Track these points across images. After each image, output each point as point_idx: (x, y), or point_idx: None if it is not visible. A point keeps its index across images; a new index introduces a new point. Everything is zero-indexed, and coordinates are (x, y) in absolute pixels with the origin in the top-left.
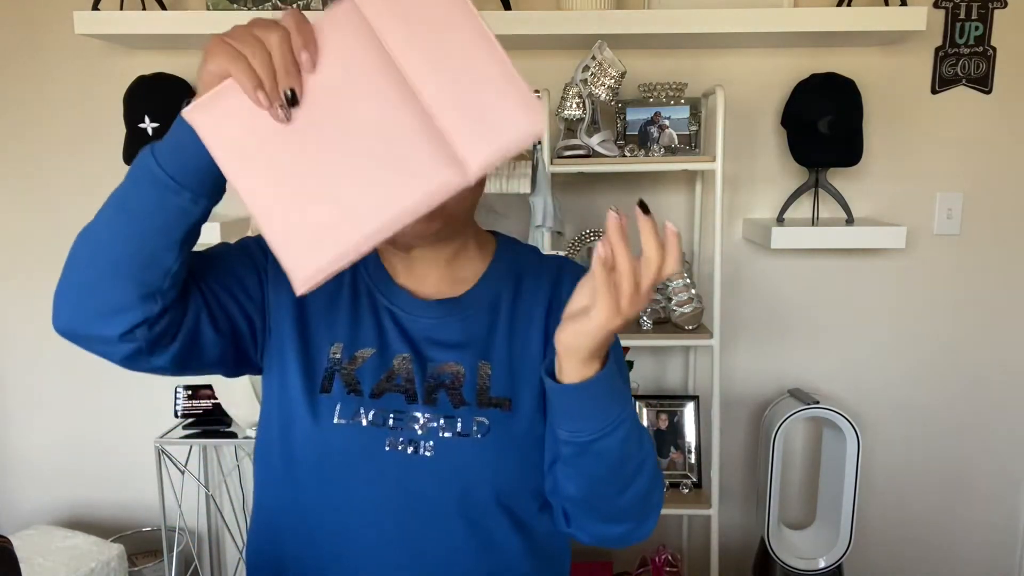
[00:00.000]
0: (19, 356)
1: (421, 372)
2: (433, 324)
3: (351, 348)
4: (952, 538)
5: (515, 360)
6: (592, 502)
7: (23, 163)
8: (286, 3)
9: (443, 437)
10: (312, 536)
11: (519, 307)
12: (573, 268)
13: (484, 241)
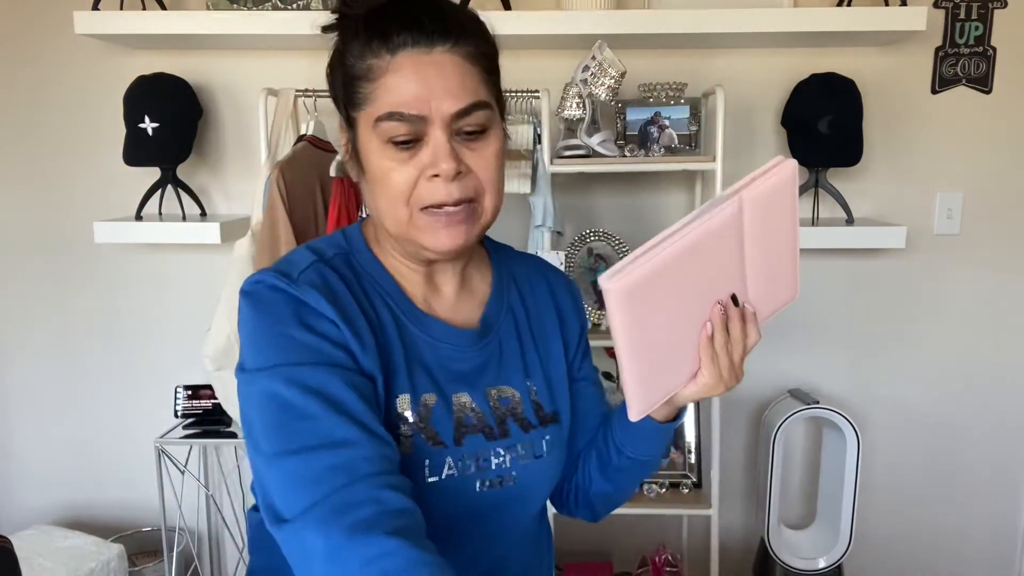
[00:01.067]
0: (19, 356)
1: (486, 406)
2: (477, 353)
3: (416, 397)
4: (952, 538)
5: (548, 374)
6: (618, 495)
7: (23, 163)
8: (286, 3)
9: (523, 464)
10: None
11: (535, 321)
12: (549, 267)
13: (479, 245)
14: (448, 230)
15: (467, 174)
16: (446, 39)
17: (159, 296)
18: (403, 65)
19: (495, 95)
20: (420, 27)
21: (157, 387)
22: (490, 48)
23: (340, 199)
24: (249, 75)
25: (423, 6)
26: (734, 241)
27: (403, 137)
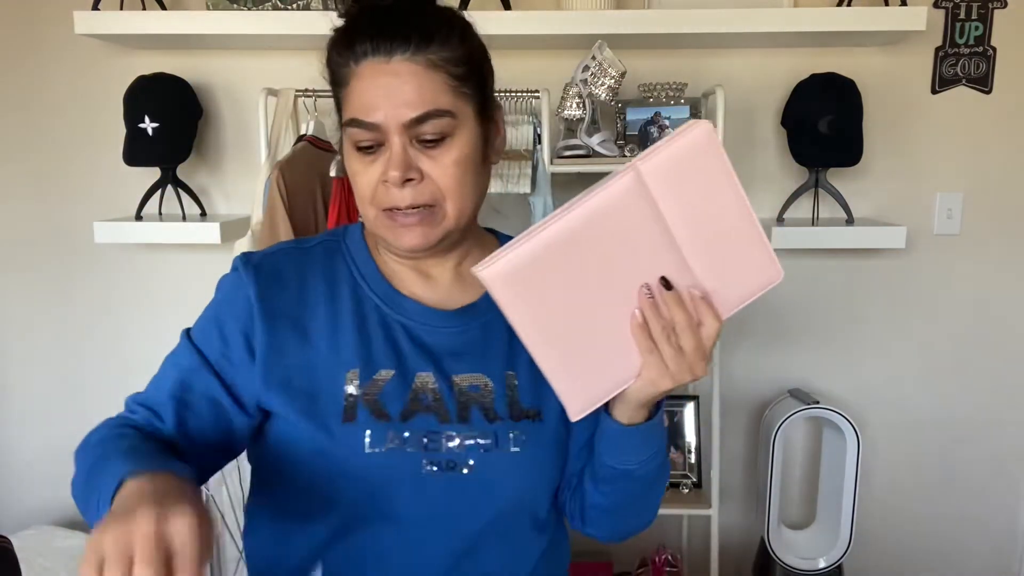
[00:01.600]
0: (19, 356)
1: (448, 389)
2: (453, 335)
3: (368, 372)
4: (952, 538)
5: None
6: (619, 512)
7: (23, 163)
8: (286, 3)
9: (481, 454)
10: (349, 563)
11: None
12: None
13: (486, 241)
14: (406, 231)
15: (421, 181)
16: (406, 47)
17: (159, 296)
18: (364, 73)
19: (468, 101)
20: (380, 35)
21: None
22: (461, 53)
23: (340, 199)
24: (249, 75)
25: (390, 14)
26: (644, 218)
27: (365, 143)
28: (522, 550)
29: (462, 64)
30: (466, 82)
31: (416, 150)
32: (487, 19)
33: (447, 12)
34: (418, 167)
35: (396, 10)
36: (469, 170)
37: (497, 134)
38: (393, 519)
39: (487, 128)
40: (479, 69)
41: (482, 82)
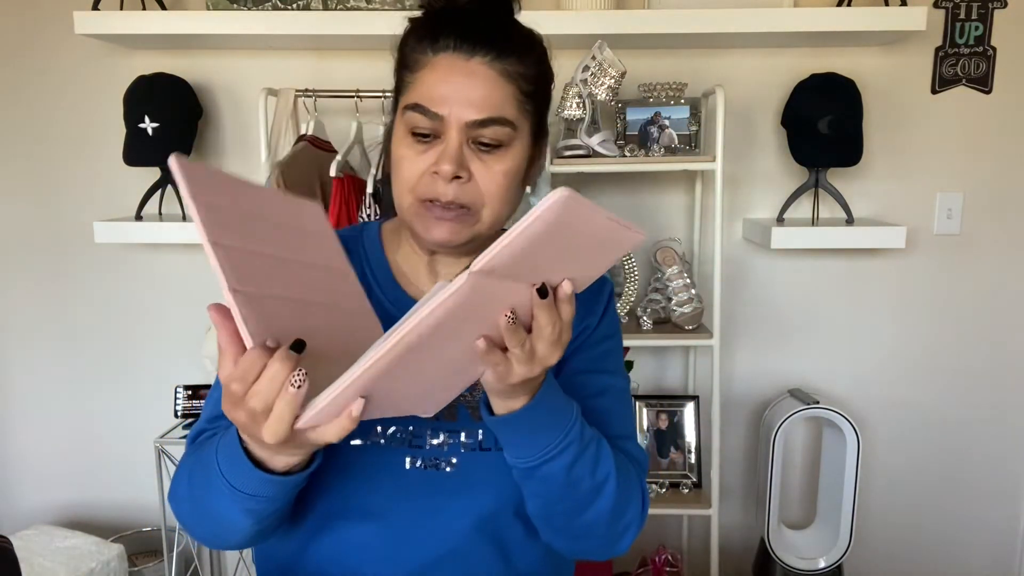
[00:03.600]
0: (19, 356)
1: None
2: None
3: None
4: (952, 538)
5: None
6: (549, 520)
7: (23, 163)
8: (286, 3)
9: (464, 452)
10: (334, 548)
11: None
12: None
13: None
14: (437, 224)
15: (468, 181)
16: (487, 51)
17: (159, 296)
18: (440, 65)
19: (529, 118)
20: (465, 34)
21: (157, 387)
22: (535, 72)
23: (340, 199)
24: (249, 75)
25: (479, 16)
26: (491, 296)
27: (422, 130)
28: (517, 554)
29: (533, 82)
30: (531, 100)
31: (470, 151)
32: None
33: (528, 31)
34: (468, 167)
35: (483, 15)
36: (513, 182)
37: (540, 158)
38: (376, 514)
39: (535, 150)
40: (545, 92)
41: (544, 105)
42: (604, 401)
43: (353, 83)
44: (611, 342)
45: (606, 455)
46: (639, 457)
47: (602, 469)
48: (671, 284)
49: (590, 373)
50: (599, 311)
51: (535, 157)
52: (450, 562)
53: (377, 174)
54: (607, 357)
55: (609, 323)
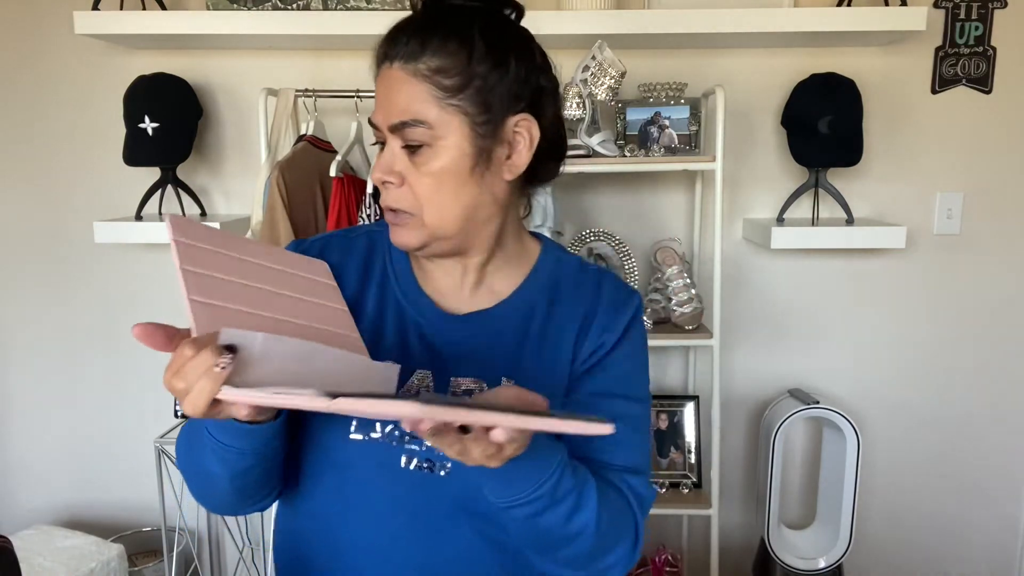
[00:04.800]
0: (19, 356)
1: (443, 390)
2: (460, 338)
3: None
4: (952, 538)
5: (541, 377)
6: (524, 547)
7: (23, 163)
8: (286, 3)
9: (441, 458)
10: (334, 545)
11: (552, 322)
12: (613, 283)
13: (524, 250)
14: (392, 229)
15: (401, 185)
16: (401, 55)
17: (159, 296)
18: (378, 78)
19: (457, 112)
20: (387, 44)
21: (157, 387)
22: (458, 64)
23: (340, 199)
24: (249, 75)
25: (408, 23)
26: None
27: (376, 141)
28: (524, 565)
29: (457, 74)
30: (459, 92)
31: (405, 155)
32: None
33: (461, 23)
34: (401, 172)
35: (414, 18)
36: (448, 182)
37: (510, 150)
38: (375, 513)
39: (490, 143)
40: (483, 82)
41: (485, 95)
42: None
43: (353, 83)
44: (632, 363)
45: (587, 505)
46: (642, 494)
47: (579, 519)
48: (671, 284)
49: (604, 397)
50: (619, 328)
51: (492, 148)
52: (448, 564)
53: None
54: (626, 380)
55: (632, 343)
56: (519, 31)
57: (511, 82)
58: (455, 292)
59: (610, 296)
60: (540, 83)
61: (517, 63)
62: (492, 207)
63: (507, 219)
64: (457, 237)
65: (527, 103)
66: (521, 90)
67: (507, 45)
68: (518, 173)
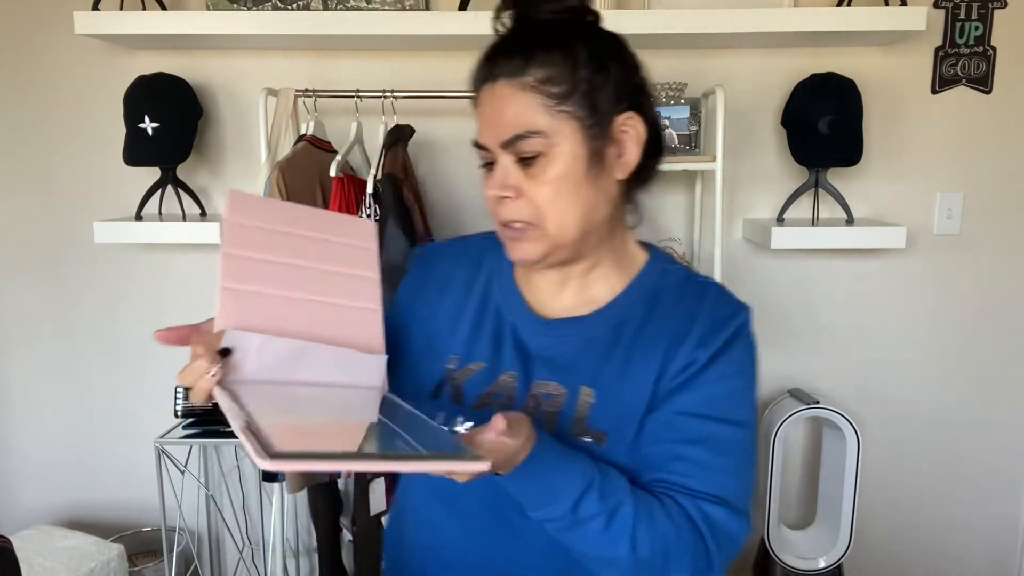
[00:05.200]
0: (19, 356)
1: (525, 392)
2: (550, 343)
3: (465, 360)
4: (952, 538)
5: (624, 392)
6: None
7: (23, 163)
8: (286, 3)
9: None
10: (419, 539)
11: (644, 334)
12: (717, 297)
13: (630, 260)
14: (511, 244)
15: (518, 198)
16: (505, 71)
17: (159, 296)
18: (480, 99)
19: (569, 118)
20: (488, 63)
21: (157, 387)
22: (564, 71)
23: (340, 199)
24: (249, 75)
25: (504, 40)
26: None
27: (482, 161)
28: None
29: (563, 81)
30: (568, 98)
31: (519, 169)
32: (487, 19)
33: (560, 33)
34: (517, 185)
35: (510, 36)
36: (566, 188)
37: (620, 149)
38: (455, 506)
39: (600, 144)
40: (589, 85)
41: (592, 98)
42: (698, 451)
43: (353, 83)
44: (729, 384)
45: (620, 530)
46: (722, 525)
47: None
48: None
49: (690, 417)
50: (715, 344)
51: (605, 149)
52: (513, 551)
53: (377, 174)
54: (720, 401)
55: (731, 362)
56: (611, 35)
57: (613, 83)
58: (554, 298)
59: (710, 310)
60: (637, 82)
61: (616, 65)
62: (606, 208)
63: (615, 225)
64: (576, 244)
65: (629, 102)
66: (623, 90)
67: (605, 49)
68: (630, 170)
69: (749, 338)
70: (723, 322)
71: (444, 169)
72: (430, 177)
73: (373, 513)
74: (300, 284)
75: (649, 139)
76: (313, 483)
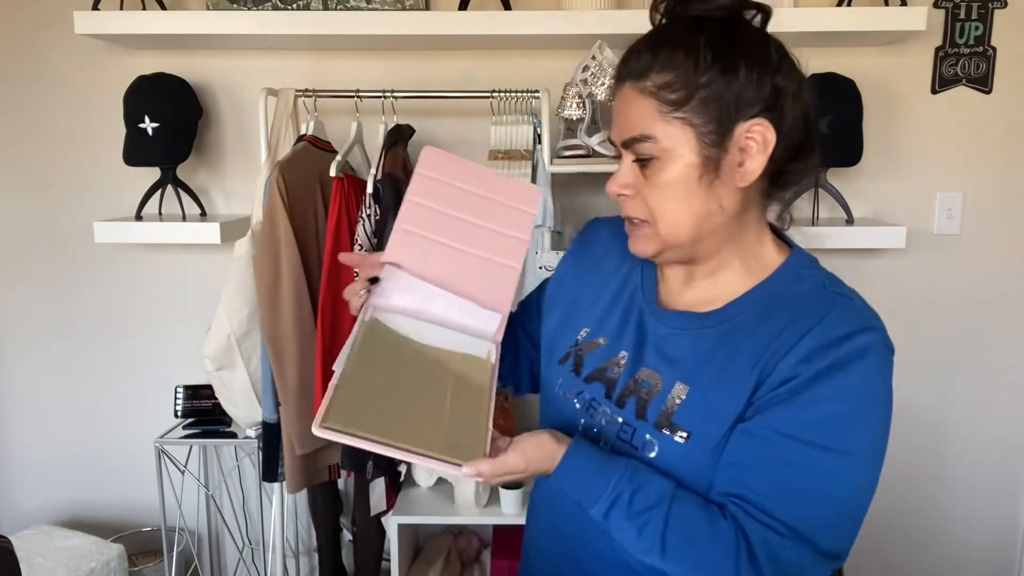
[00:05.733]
0: (19, 356)
1: (630, 374)
2: (664, 334)
3: (594, 335)
4: (952, 538)
5: (718, 395)
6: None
7: (23, 163)
8: (286, 3)
9: (616, 441)
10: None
11: (751, 341)
12: (842, 311)
13: (761, 262)
14: (630, 238)
15: (635, 196)
16: (631, 75)
17: (159, 296)
18: (614, 96)
19: (684, 125)
20: (624, 62)
21: (157, 387)
22: (682, 77)
23: (340, 199)
24: (249, 75)
25: (642, 39)
26: None
27: (614, 156)
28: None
29: (681, 88)
30: (682, 107)
31: (637, 168)
32: (487, 19)
33: (691, 33)
34: (634, 184)
35: (649, 34)
36: (677, 193)
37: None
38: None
39: (718, 152)
40: (709, 92)
41: (711, 105)
42: (786, 475)
43: (353, 83)
44: (833, 407)
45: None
46: (788, 557)
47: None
48: None
49: (780, 436)
50: (823, 362)
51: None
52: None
53: (377, 174)
54: (820, 425)
55: (840, 385)
56: (754, 34)
57: (741, 87)
58: (680, 292)
59: (829, 324)
60: (777, 84)
61: (748, 68)
62: (722, 216)
63: (743, 227)
64: (689, 246)
65: (763, 107)
66: (754, 94)
67: (737, 51)
68: (751, 180)
69: (873, 362)
70: (837, 341)
71: None
72: None
73: (373, 513)
74: (461, 236)
75: (794, 143)
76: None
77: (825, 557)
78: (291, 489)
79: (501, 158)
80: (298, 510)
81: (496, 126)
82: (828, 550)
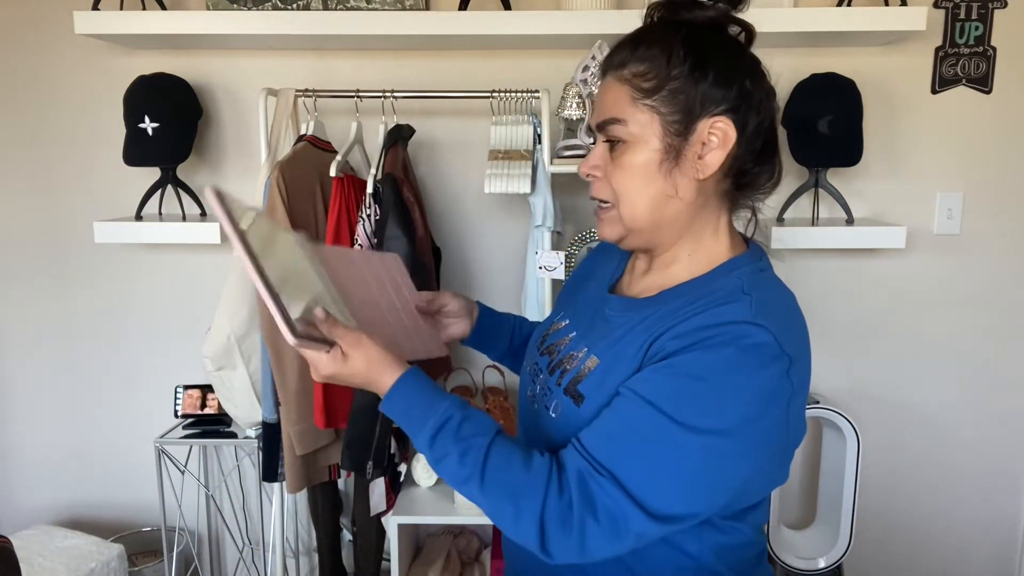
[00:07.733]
0: (19, 356)
1: (571, 349)
2: (609, 315)
3: (563, 317)
4: (952, 538)
5: (615, 368)
6: None
7: (23, 163)
8: (286, 4)
9: (540, 405)
10: None
11: (649, 322)
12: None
13: (708, 259)
14: (598, 222)
15: (602, 179)
16: (612, 65)
17: (159, 296)
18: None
19: (653, 113)
20: (609, 56)
21: (157, 387)
22: (659, 71)
23: (340, 199)
24: (249, 75)
25: (627, 36)
26: None
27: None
28: None
29: (653, 78)
30: (653, 95)
31: (608, 152)
32: (487, 19)
33: (669, 32)
34: (603, 167)
35: (633, 33)
36: (637, 175)
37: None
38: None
39: (680, 142)
40: (679, 84)
41: (679, 97)
42: (616, 423)
43: (353, 83)
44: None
45: (471, 470)
46: (593, 492)
47: (458, 469)
48: None
49: (633, 394)
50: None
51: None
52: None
53: (377, 174)
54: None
55: (701, 363)
56: (730, 42)
57: (709, 85)
58: (637, 280)
59: (720, 313)
60: (745, 88)
61: (718, 69)
62: (679, 204)
63: (701, 222)
64: (648, 232)
65: (729, 107)
66: (720, 94)
67: (710, 53)
68: (709, 173)
69: (745, 354)
70: (716, 325)
71: (444, 169)
72: (430, 177)
73: (373, 513)
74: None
75: (750, 147)
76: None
77: (653, 517)
78: (291, 489)
79: (501, 158)
80: (298, 510)
81: (496, 126)
82: (656, 511)
